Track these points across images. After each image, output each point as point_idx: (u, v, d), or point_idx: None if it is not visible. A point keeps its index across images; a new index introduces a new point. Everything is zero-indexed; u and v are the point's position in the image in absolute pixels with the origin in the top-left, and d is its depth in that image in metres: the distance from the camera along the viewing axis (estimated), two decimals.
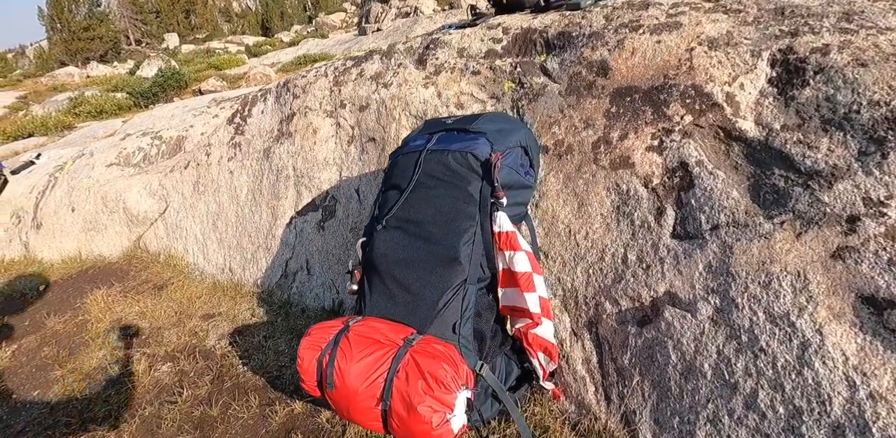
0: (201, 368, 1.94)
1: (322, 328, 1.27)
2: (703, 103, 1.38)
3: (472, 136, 1.30)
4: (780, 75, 1.32)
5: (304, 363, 1.21)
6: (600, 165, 1.49)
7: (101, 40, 23.24)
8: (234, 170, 2.67)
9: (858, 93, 1.17)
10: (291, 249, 2.37)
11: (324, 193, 2.30)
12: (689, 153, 1.34)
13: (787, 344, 1.03)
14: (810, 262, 1.05)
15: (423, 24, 13.51)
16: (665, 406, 1.18)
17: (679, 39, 1.50)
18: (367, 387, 1.10)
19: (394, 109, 2.09)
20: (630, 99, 1.51)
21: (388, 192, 1.38)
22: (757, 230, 1.15)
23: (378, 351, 1.13)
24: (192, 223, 2.82)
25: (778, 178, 1.20)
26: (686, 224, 1.29)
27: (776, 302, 1.07)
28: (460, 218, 1.23)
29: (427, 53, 2.13)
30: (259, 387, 1.78)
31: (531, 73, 1.81)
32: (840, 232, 1.04)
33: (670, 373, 1.19)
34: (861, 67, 1.19)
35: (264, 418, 1.63)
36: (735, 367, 1.08)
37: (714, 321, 1.15)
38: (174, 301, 2.52)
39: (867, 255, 1.00)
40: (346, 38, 16.42)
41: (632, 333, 1.29)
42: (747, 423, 1.04)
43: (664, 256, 1.29)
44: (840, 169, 1.11)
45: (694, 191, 1.30)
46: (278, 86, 2.63)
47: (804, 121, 1.23)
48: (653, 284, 1.28)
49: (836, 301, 1.01)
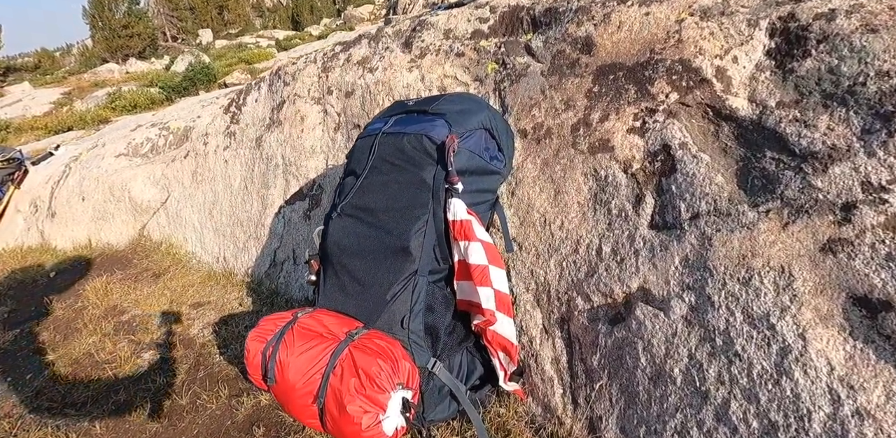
0: (180, 356, 1.94)
1: (271, 319, 1.21)
2: (690, 79, 1.24)
3: (430, 118, 1.21)
4: (778, 46, 1.16)
5: (250, 355, 1.16)
6: (579, 149, 1.37)
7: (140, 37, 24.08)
8: (229, 159, 2.66)
9: (866, 62, 1.01)
10: (280, 239, 2.34)
11: (311, 182, 2.25)
12: (673, 135, 1.21)
13: (765, 350, 0.90)
14: (797, 256, 0.92)
15: None
16: (632, 414, 1.07)
17: (669, 10, 1.36)
18: (305, 383, 1.04)
19: (378, 94, 2.01)
20: (613, 77, 1.38)
21: (346, 178, 1.31)
22: (740, 219, 1.02)
23: (319, 344, 1.07)
24: (191, 212, 2.84)
25: (769, 161, 1.06)
26: (665, 213, 1.16)
27: (756, 301, 0.94)
28: (412, 205, 1.14)
29: (413, 36, 2.04)
30: (231, 377, 1.75)
31: (515, 52, 1.69)
32: (832, 222, 0.90)
33: (639, 377, 1.08)
34: (871, 33, 1.03)
35: (231, 409, 1.60)
36: (707, 374, 0.96)
37: (688, 321, 1.03)
38: (169, 289, 2.54)
39: (862, 249, 0.86)
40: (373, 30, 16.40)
41: (602, 332, 1.18)
42: (717, 434, 0.92)
43: (639, 248, 1.17)
44: (839, 149, 0.96)
45: (675, 177, 1.17)
46: (271, 74, 2.60)
47: (803, 97, 1.08)
48: (626, 279, 1.16)
49: (823, 301, 0.87)
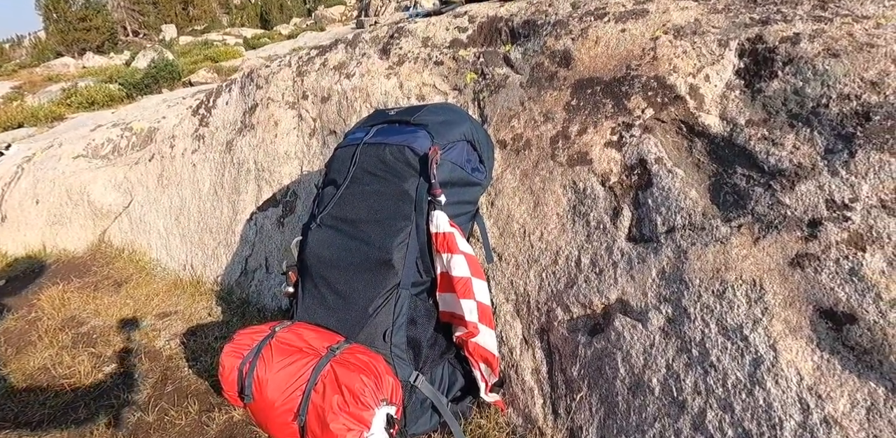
0: (146, 370, 1.85)
1: (247, 333, 1.17)
2: (665, 96, 1.28)
3: (412, 129, 1.20)
4: (747, 66, 1.22)
5: (225, 371, 1.12)
6: (558, 161, 1.39)
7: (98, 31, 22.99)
8: (198, 162, 2.57)
9: (828, 85, 1.07)
10: (251, 246, 2.28)
11: (284, 188, 2.20)
12: (649, 149, 1.25)
13: (738, 361, 0.94)
14: (767, 270, 0.96)
15: None
16: (612, 423, 1.09)
17: (644, 28, 1.40)
18: (285, 400, 1.01)
19: (355, 101, 1.99)
20: (591, 91, 1.41)
21: (326, 188, 1.28)
22: (713, 234, 1.06)
23: (300, 360, 1.04)
24: (156, 217, 2.73)
25: (739, 178, 1.10)
26: (642, 226, 1.19)
27: (729, 313, 0.98)
28: (395, 217, 1.13)
29: (391, 42, 2.03)
30: (201, 392, 1.69)
31: (494, 63, 1.71)
32: (800, 238, 0.95)
33: (618, 388, 1.10)
34: (832, 58, 1.09)
35: (202, 425, 1.54)
36: (684, 384, 0.99)
37: (665, 332, 1.06)
38: (132, 298, 2.43)
39: (828, 264, 0.90)
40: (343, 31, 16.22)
41: (582, 343, 1.20)
42: None
43: (618, 260, 1.19)
44: (804, 168, 1.02)
45: (651, 191, 1.20)
46: (243, 77, 2.53)
47: (770, 116, 1.13)
48: (605, 290, 1.19)
49: (792, 313, 0.91)
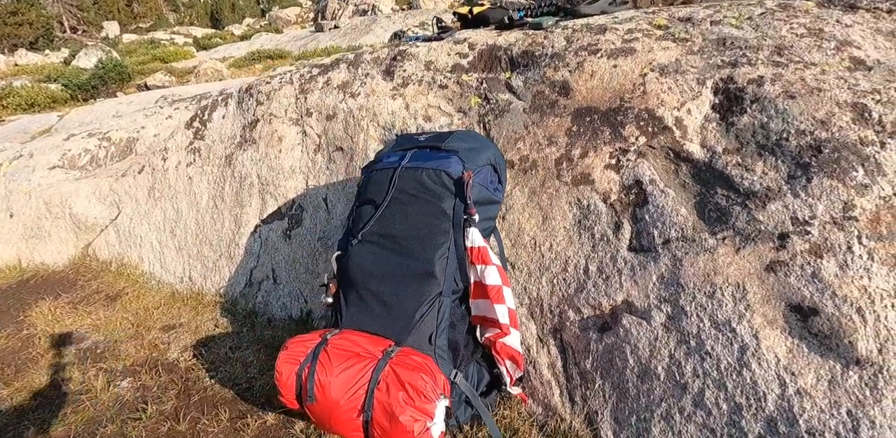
0: (165, 382, 1.90)
1: (299, 341, 1.29)
2: (655, 126, 1.50)
3: (444, 154, 1.36)
4: (721, 102, 1.46)
5: (283, 377, 1.23)
6: (563, 181, 1.59)
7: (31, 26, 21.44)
8: (194, 176, 2.59)
9: (788, 122, 1.32)
10: (256, 258, 2.34)
11: (290, 202, 2.29)
12: (643, 172, 1.46)
13: (728, 348, 1.15)
14: (748, 275, 1.19)
15: (382, 23, 13.41)
16: (624, 406, 1.29)
17: (633, 65, 1.62)
18: (349, 399, 1.14)
19: (361, 120, 2.11)
20: (590, 119, 1.62)
21: (363, 207, 1.41)
22: (703, 245, 1.28)
23: (358, 363, 1.17)
24: (148, 230, 2.72)
25: (720, 197, 1.33)
26: (641, 238, 1.40)
27: (719, 310, 1.20)
28: (435, 233, 1.28)
29: (394, 65, 2.17)
30: (228, 400, 1.76)
31: (497, 89, 1.89)
32: (773, 248, 1.18)
33: (628, 376, 1.30)
34: (790, 99, 1.34)
35: (236, 431, 1.62)
36: (685, 369, 1.20)
37: (666, 327, 1.26)
38: (130, 312, 2.43)
39: (795, 269, 1.14)
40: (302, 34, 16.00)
41: (593, 339, 1.39)
42: (696, 419, 1.16)
43: (622, 268, 1.40)
44: (772, 190, 1.26)
45: (648, 208, 1.42)
46: (240, 92, 2.58)
47: (742, 146, 1.37)
48: (612, 294, 1.39)
49: (769, 309, 1.14)
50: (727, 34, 1.64)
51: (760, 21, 1.67)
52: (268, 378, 1.83)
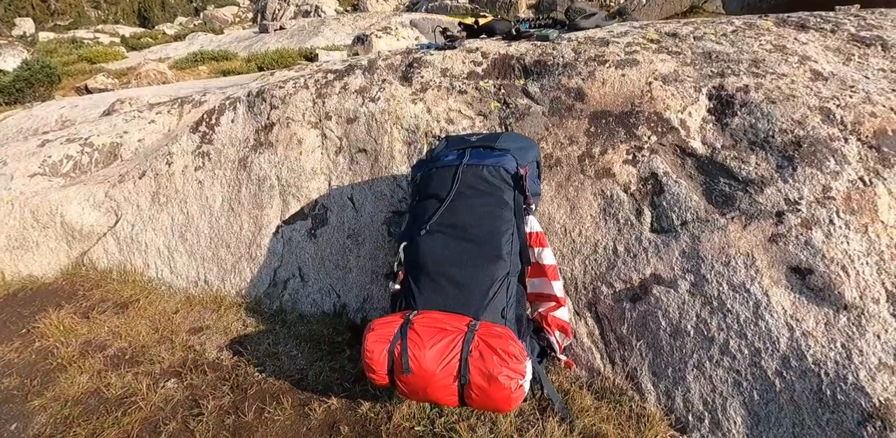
0: (213, 380, 1.95)
1: (383, 323, 1.43)
2: (663, 127, 1.77)
3: (499, 153, 1.55)
4: (715, 107, 1.76)
5: (375, 355, 1.37)
6: (587, 175, 1.83)
7: None
8: (204, 179, 2.61)
9: (772, 122, 1.63)
10: (280, 258, 2.41)
11: (313, 202, 2.38)
12: (658, 165, 1.73)
13: (745, 305, 1.43)
14: (755, 246, 1.48)
15: (331, 25, 13.31)
16: (660, 361, 1.55)
17: (639, 74, 1.89)
18: (444, 368, 1.30)
19: (385, 123, 2.26)
20: (605, 121, 1.87)
21: (426, 201, 1.58)
22: (715, 224, 1.56)
23: (447, 336, 1.34)
24: (154, 236, 2.69)
25: (724, 185, 1.62)
26: (661, 221, 1.66)
27: (734, 275, 1.47)
28: (500, 221, 1.47)
29: (411, 71, 2.33)
30: (286, 390, 1.85)
31: (514, 94, 2.10)
32: (772, 224, 1.48)
33: (662, 336, 1.55)
34: (772, 104, 1.66)
35: (303, 417, 1.72)
36: (710, 325, 1.47)
37: (692, 293, 1.53)
38: (146, 318, 2.42)
39: (791, 239, 1.44)
40: (245, 34, 15.50)
41: (627, 308, 1.64)
42: (723, 364, 1.43)
43: (647, 247, 1.66)
44: (766, 178, 1.56)
45: (664, 195, 1.68)
46: (249, 96, 2.63)
47: (737, 142, 1.67)
48: (640, 269, 1.64)
49: (774, 272, 1.43)
50: (711, 49, 1.95)
51: (734, 38, 2.00)
52: (319, 367, 1.94)
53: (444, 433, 1.56)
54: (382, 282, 2.13)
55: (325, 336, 2.14)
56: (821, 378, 1.29)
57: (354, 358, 1.96)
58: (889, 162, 1.47)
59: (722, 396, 1.41)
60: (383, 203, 2.20)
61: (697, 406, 1.44)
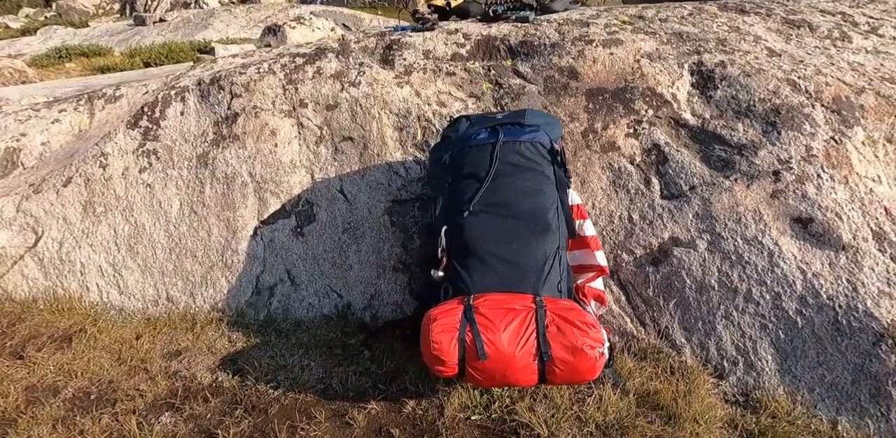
0: (219, 405, 1.71)
1: (442, 312, 1.36)
2: (657, 100, 1.89)
3: (532, 129, 1.54)
4: (698, 81, 1.92)
5: (444, 345, 1.30)
6: (593, 150, 1.89)
7: None
8: (154, 182, 2.26)
9: (751, 93, 1.82)
10: (262, 262, 2.18)
11: (295, 198, 2.18)
12: (658, 137, 1.84)
13: (760, 256, 1.59)
14: (760, 202, 1.64)
15: (222, 17, 12.24)
16: (689, 316, 1.66)
17: (626, 53, 2.00)
18: (522, 348, 1.27)
19: (371, 108, 2.13)
20: (602, 97, 1.95)
21: (463, 182, 1.52)
22: (721, 186, 1.71)
23: (517, 316, 1.31)
24: (92, 253, 2.28)
25: (720, 151, 1.78)
26: (670, 188, 1.78)
27: (746, 230, 1.63)
28: (544, 196, 1.47)
29: (391, 54, 2.22)
30: (313, 403, 1.68)
31: (505, 75, 2.11)
32: (771, 182, 1.65)
33: (688, 293, 1.67)
34: (748, 77, 1.85)
35: (343, 427, 1.58)
36: (732, 277, 1.61)
37: (710, 250, 1.66)
38: (102, 348, 2.04)
39: (789, 194, 1.62)
40: (117, 27, 13.63)
41: (650, 272, 1.74)
42: (748, 311, 1.58)
43: (661, 213, 1.76)
44: (756, 142, 1.74)
45: (669, 164, 1.80)
46: (201, 85, 2.32)
47: (722, 113, 1.84)
48: (658, 233, 1.75)
49: (780, 224, 1.61)
50: (679, 29, 2.12)
51: (694, 20, 2.20)
52: (341, 374, 1.80)
53: (505, 416, 1.53)
54: (391, 276, 2.02)
55: (333, 340, 1.98)
56: (835, 310, 1.48)
57: (377, 358, 1.85)
58: (849, 123, 1.72)
59: (751, 340, 1.56)
60: (380, 193, 2.08)
61: (730, 352, 1.58)
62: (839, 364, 1.44)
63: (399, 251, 2.02)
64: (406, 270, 2.01)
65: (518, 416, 1.52)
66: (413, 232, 2.02)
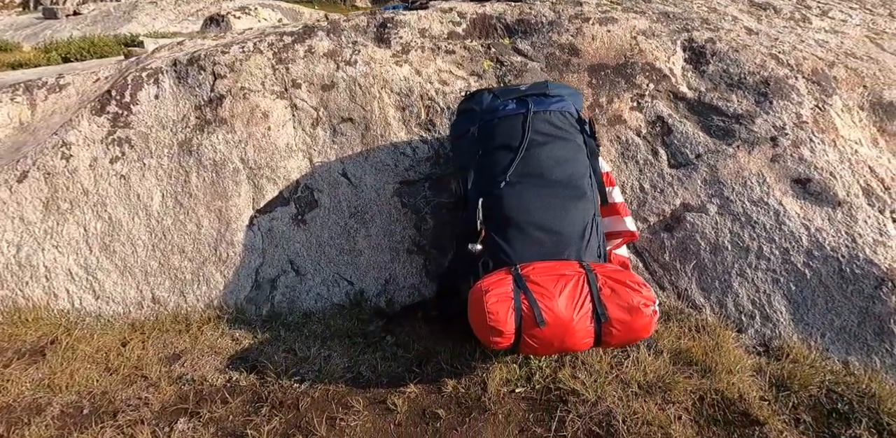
0: (242, 405, 1.58)
1: (492, 283, 1.33)
2: (657, 75, 1.97)
3: (558, 99, 1.55)
4: (690, 57, 2.01)
5: (500, 316, 1.27)
6: (600, 123, 1.94)
7: None
8: (129, 173, 2.05)
9: (741, 67, 1.94)
10: (260, 254, 2.04)
11: (293, 184, 2.06)
12: (661, 109, 1.92)
13: (767, 215, 1.70)
14: (762, 166, 1.75)
15: (147, 9, 11.39)
16: (705, 277, 1.75)
17: (622, 30, 2.06)
18: (579, 312, 1.28)
19: (371, 87, 2.05)
20: (604, 73, 2.00)
21: (495, 153, 1.50)
22: (725, 153, 1.81)
23: (569, 281, 1.31)
24: (57, 255, 2.03)
25: (719, 121, 1.88)
26: (677, 157, 1.86)
27: (752, 192, 1.74)
28: (577, 164, 1.48)
29: (386, 32, 2.15)
30: (346, 393, 1.60)
31: (506, 53, 2.11)
32: (770, 147, 1.77)
33: (703, 255, 1.75)
34: (736, 52, 1.97)
35: (385, 413, 1.51)
36: (744, 237, 1.71)
37: (721, 213, 1.76)
38: (84, 359, 1.82)
39: (787, 157, 1.75)
40: (24, 21, 12.28)
41: (665, 238, 1.81)
42: (760, 267, 1.68)
43: (671, 181, 1.84)
44: (751, 112, 1.85)
45: (674, 135, 1.88)
46: (177, 65, 2.12)
47: (716, 85, 1.95)
48: (670, 201, 1.82)
49: (782, 185, 1.73)
50: (664, 10, 2.22)
51: (675, 1, 2.31)
52: (368, 361, 1.72)
53: (549, 385, 1.54)
54: (406, 259, 1.96)
55: (351, 329, 1.89)
56: (839, 260, 1.61)
57: (403, 342, 1.79)
58: (828, 92, 1.88)
59: (765, 294, 1.66)
60: (387, 174, 2.01)
61: (747, 307, 1.68)
62: (846, 309, 1.58)
63: (412, 233, 1.97)
64: (421, 252, 1.96)
65: (562, 384, 1.52)
66: (425, 213, 1.97)
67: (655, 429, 1.41)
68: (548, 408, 1.50)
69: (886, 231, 1.62)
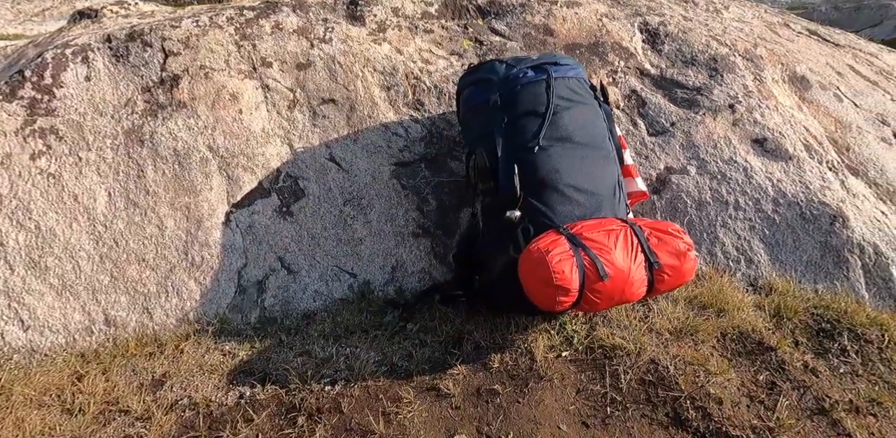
0: (270, 421, 1.36)
1: (547, 243, 1.32)
2: (625, 53, 2.13)
3: (571, 67, 1.59)
4: (647, 38, 2.21)
5: (566, 273, 1.26)
6: None
7: None
8: (60, 171, 1.66)
9: (691, 46, 2.17)
10: (242, 254, 1.79)
11: (274, 173, 1.85)
12: (634, 84, 2.08)
13: (737, 172, 1.92)
14: (727, 130, 1.98)
15: None
16: (694, 231, 1.91)
17: (588, 13, 2.20)
18: (635, 262, 1.32)
19: (352, 66, 1.93)
20: (579, 51, 2.11)
21: (522, 119, 1.49)
22: (695, 120, 2.01)
23: (619, 235, 1.35)
24: None
25: (683, 93, 2.09)
26: (654, 126, 2.02)
27: (723, 153, 1.95)
28: (599, 127, 1.54)
29: (360, 10, 2.05)
30: (389, 386, 1.46)
31: (484, 33, 2.12)
32: (730, 113, 2.01)
33: (690, 211, 1.92)
34: (686, 33, 2.20)
35: (439, 399, 1.41)
36: (722, 192, 1.91)
37: (700, 173, 1.94)
38: (27, 404, 1.44)
39: (744, 121, 1.99)
40: None
41: (654, 200, 1.95)
42: (739, 217, 1.89)
43: (652, 147, 1.99)
44: (707, 85, 2.09)
45: (648, 107, 2.05)
46: (111, 41, 1.78)
47: (673, 63, 2.16)
48: (655, 165, 1.97)
49: (744, 145, 1.96)
50: None
51: None
52: (398, 351, 1.60)
53: (591, 345, 1.56)
54: (412, 242, 1.87)
55: (363, 323, 1.73)
56: (800, 205, 1.87)
57: (427, 328, 1.69)
58: (760, 67, 2.19)
59: (746, 240, 1.87)
60: (381, 156, 1.90)
61: (733, 253, 1.87)
62: (810, 245, 1.84)
63: (416, 215, 1.88)
64: (427, 235, 1.88)
65: (603, 342, 1.56)
66: (427, 194, 1.90)
67: (697, 368, 1.51)
68: (596, 366, 1.52)
69: (827, 177, 1.92)
